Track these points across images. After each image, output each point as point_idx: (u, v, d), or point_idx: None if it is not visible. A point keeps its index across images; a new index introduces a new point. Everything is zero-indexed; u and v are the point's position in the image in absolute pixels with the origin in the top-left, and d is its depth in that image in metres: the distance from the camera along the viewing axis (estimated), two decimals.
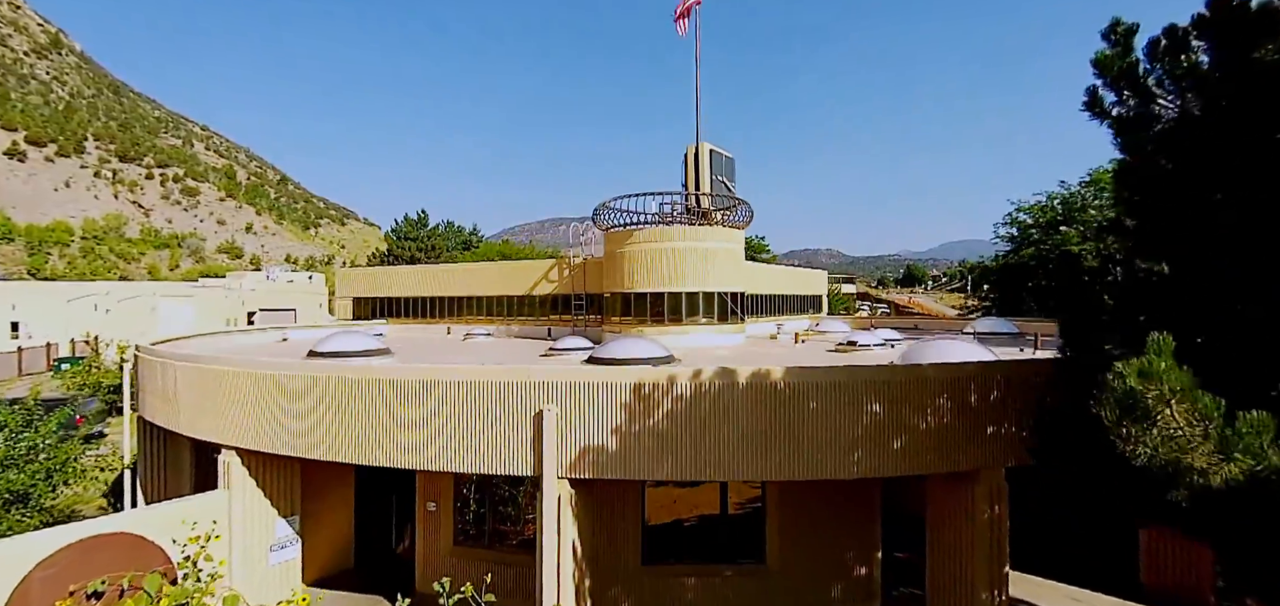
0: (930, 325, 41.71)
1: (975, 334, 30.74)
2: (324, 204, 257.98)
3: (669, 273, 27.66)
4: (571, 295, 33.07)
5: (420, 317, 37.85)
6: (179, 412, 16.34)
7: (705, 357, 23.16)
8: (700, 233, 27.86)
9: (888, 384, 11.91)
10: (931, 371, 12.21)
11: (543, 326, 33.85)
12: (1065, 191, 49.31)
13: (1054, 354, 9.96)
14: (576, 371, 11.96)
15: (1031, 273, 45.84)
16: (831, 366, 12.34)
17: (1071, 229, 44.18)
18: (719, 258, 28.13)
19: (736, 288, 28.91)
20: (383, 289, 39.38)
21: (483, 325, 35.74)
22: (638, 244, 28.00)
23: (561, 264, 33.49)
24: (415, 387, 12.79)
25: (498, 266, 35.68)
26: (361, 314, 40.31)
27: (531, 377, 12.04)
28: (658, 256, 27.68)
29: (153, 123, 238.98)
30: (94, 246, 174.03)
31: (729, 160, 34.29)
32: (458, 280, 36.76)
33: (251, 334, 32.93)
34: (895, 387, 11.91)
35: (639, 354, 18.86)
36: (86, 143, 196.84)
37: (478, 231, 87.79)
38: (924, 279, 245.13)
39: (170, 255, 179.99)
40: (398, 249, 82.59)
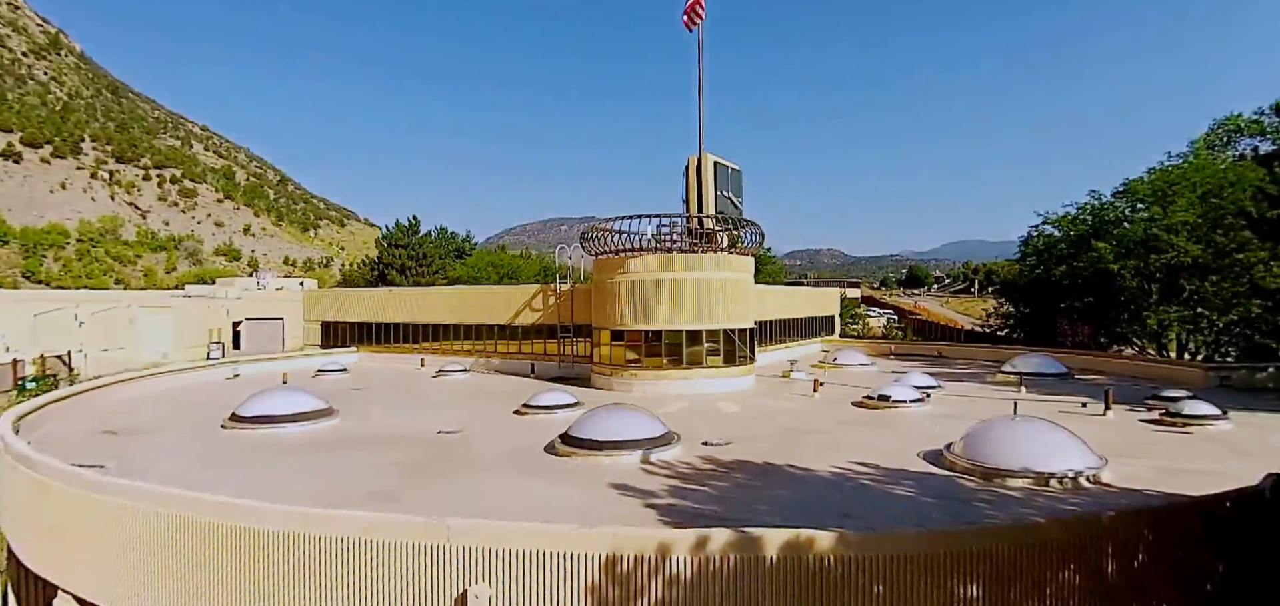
0: (954, 351, 37.52)
1: (1019, 376, 26.60)
2: (324, 204, 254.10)
3: (667, 307, 23.56)
4: (558, 325, 28.98)
5: (395, 343, 33.81)
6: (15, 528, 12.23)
7: (709, 414, 19.11)
8: (703, 261, 23.75)
9: (989, 553, 7.78)
10: (1053, 531, 8.07)
11: (526, 360, 29.75)
12: (1096, 202, 45.05)
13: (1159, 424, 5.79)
14: (520, 535, 7.80)
15: (1063, 291, 41.58)
16: (902, 533, 8.23)
17: (1106, 244, 39.95)
18: (726, 290, 24.01)
19: (745, 322, 24.80)
20: (353, 312, 35.33)
21: (460, 356, 31.68)
22: (632, 274, 23.91)
23: (546, 292, 29.38)
24: (269, 546, 8.53)
25: (477, 292, 31.59)
26: (331, 339, 36.27)
27: (452, 539, 7.91)
28: (655, 289, 23.58)
29: (151, 123, 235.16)
30: (90, 249, 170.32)
31: (736, 173, 30.16)
32: (435, 306, 32.69)
33: (198, 371, 28.87)
34: (1002, 560, 7.78)
35: (628, 432, 14.75)
36: (83, 143, 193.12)
37: (470, 238, 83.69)
38: (927, 280, 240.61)
39: (167, 257, 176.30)
40: (388, 256, 78.52)
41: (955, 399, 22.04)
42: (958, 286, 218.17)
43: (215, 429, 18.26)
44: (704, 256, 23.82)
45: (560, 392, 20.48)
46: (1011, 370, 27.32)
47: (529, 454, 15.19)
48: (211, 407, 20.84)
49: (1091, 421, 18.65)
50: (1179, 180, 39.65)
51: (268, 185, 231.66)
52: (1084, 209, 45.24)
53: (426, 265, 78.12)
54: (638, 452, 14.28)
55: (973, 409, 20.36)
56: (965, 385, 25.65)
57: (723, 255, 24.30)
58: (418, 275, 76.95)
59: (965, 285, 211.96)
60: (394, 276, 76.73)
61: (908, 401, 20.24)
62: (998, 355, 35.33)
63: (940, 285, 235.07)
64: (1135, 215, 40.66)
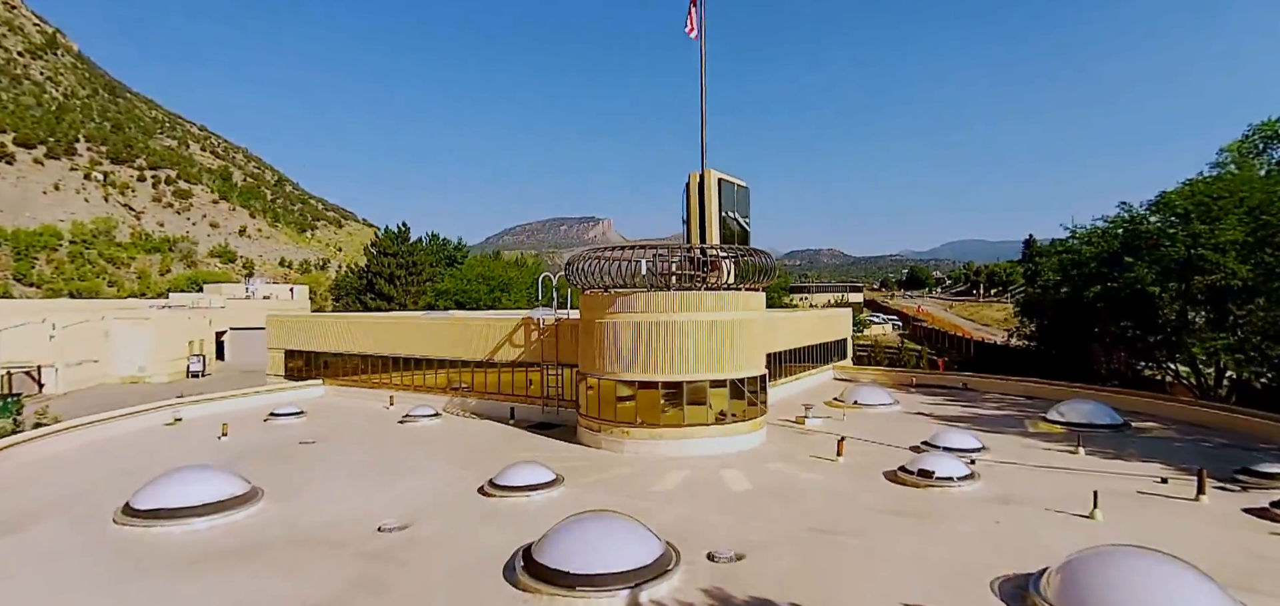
0: (981, 384, 33.82)
1: (1071, 429, 22.95)
2: (322, 205, 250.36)
3: (665, 354, 19.88)
4: (542, 362, 25.29)
5: (366, 375, 30.15)
6: None
7: (713, 492, 15.35)
8: (706, 300, 20.06)
9: None
10: None
11: (506, 402, 26.06)
12: (1126, 214, 41.29)
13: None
14: None
15: (1098, 314, 37.80)
16: None
17: (1143, 264, 36.20)
18: (733, 334, 20.32)
19: (755, 369, 21.11)
20: (319, 341, 31.64)
21: (433, 394, 28.01)
22: (623, 314, 20.23)
23: (528, 326, 25.68)
24: None
25: (453, 324, 27.90)
26: (296, 370, 32.60)
27: None
28: (650, 333, 19.89)
29: (148, 123, 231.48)
30: (83, 251, 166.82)
31: (742, 191, 26.47)
32: (407, 337, 29.01)
33: (135, 417, 25.18)
34: None
35: (611, 557, 11.08)
36: (78, 144, 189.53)
37: (463, 246, 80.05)
38: (928, 281, 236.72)
39: (161, 260, 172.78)
40: (377, 265, 74.87)
41: (1008, 470, 18.36)
42: (959, 288, 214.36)
43: (104, 523, 14.60)
44: (707, 296, 20.11)
45: (536, 468, 16.78)
46: (1059, 419, 23.65)
47: (483, 581, 11.54)
48: (118, 482, 17.14)
49: (1185, 512, 14.99)
50: (1225, 194, 35.92)
51: (265, 185, 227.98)
52: (1115, 222, 41.49)
53: (416, 274, 74.52)
54: (623, 592, 10.62)
55: (1033, 487, 16.69)
56: (1009, 440, 21.95)
57: (730, 293, 20.60)
58: (407, 284, 73.35)
59: (967, 287, 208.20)
60: (382, 285, 73.11)
61: (954, 479, 16.54)
62: (1030, 389, 31.66)
63: (941, 286, 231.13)
64: (1175, 232, 36.91)
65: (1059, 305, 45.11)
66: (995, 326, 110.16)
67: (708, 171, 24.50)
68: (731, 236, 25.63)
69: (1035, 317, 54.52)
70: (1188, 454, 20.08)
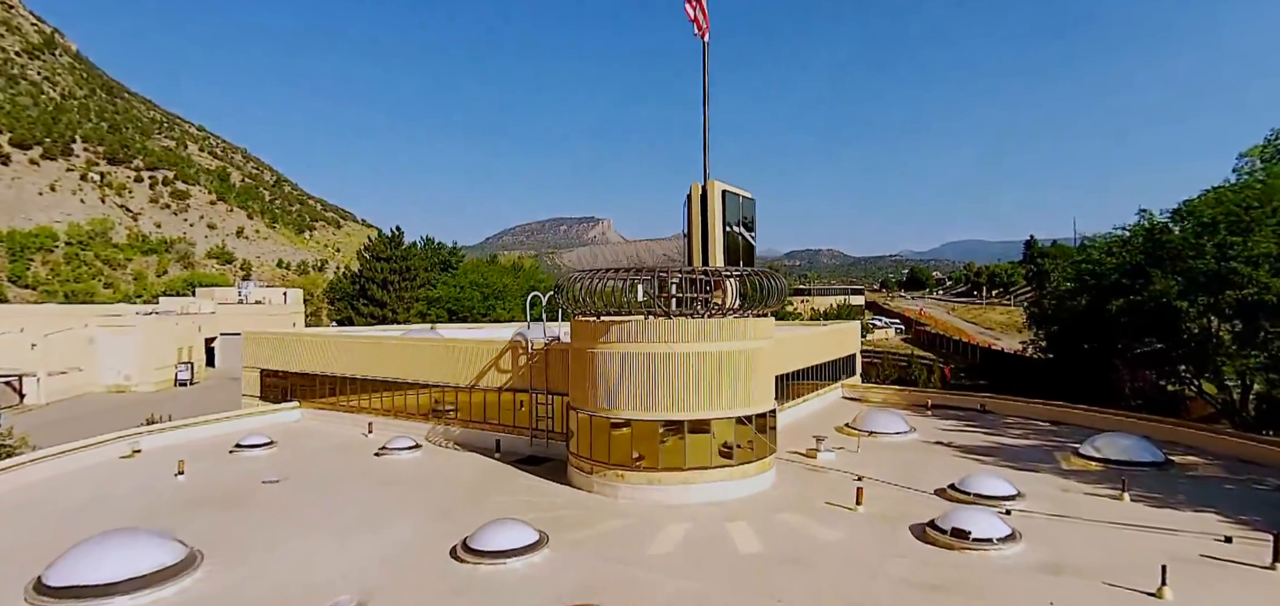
0: (1001, 405, 31.66)
1: (1106, 464, 20.83)
2: (321, 205, 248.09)
3: (665, 389, 17.74)
4: (530, 389, 23.13)
5: (345, 396, 28.02)
6: None
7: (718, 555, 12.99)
8: (710, 329, 17.91)
9: None
10: None
11: (492, 431, 23.91)
12: (1144, 222, 39.19)
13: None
14: None
15: (1120, 328, 35.64)
16: None
17: (1169, 277, 34.06)
18: (740, 366, 18.17)
19: (764, 404, 18.97)
20: (296, 361, 29.49)
21: (415, 421, 25.86)
22: (617, 344, 18.08)
23: (516, 350, 23.52)
24: None
25: (435, 347, 25.75)
26: (272, 391, 30.45)
27: None
28: (648, 366, 17.75)
29: (146, 124, 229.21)
30: (79, 252, 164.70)
31: (748, 202, 24.32)
32: (387, 359, 26.86)
33: (92, 449, 23.02)
34: None
35: None
36: (74, 145, 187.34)
37: (458, 250, 77.86)
38: (929, 282, 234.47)
39: (158, 261, 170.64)
40: (370, 270, 72.71)
41: (1052, 526, 16.21)
42: (959, 289, 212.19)
43: (15, 601, 12.49)
44: (711, 323, 17.96)
45: (516, 527, 14.63)
46: (1095, 455, 21.49)
47: None
48: (48, 538, 14.99)
49: (1261, 585, 12.87)
50: (1255, 204, 33.77)
51: (263, 186, 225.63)
52: (1135, 231, 39.34)
53: (410, 279, 72.34)
54: None
55: (1084, 549, 14.54)
56: (1043, 482, 19.79)
57: (737, 320, 18.43)
58: (401, 290, 71.20)
59: (968, 288, 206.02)
60: (375, 291, 70.97)
61: (994, 541, 14.39)
62: (1053, 413, 29.48)
63: (942, 288, 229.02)
64: (1203, 243, 34.72)
65: (1077, 317, 42.95)
66: (998, 330, 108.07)
67: (711, 183, 22.37)
68: (736, 251, 23.51)
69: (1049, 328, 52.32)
70: (1243, 501, 17.96)
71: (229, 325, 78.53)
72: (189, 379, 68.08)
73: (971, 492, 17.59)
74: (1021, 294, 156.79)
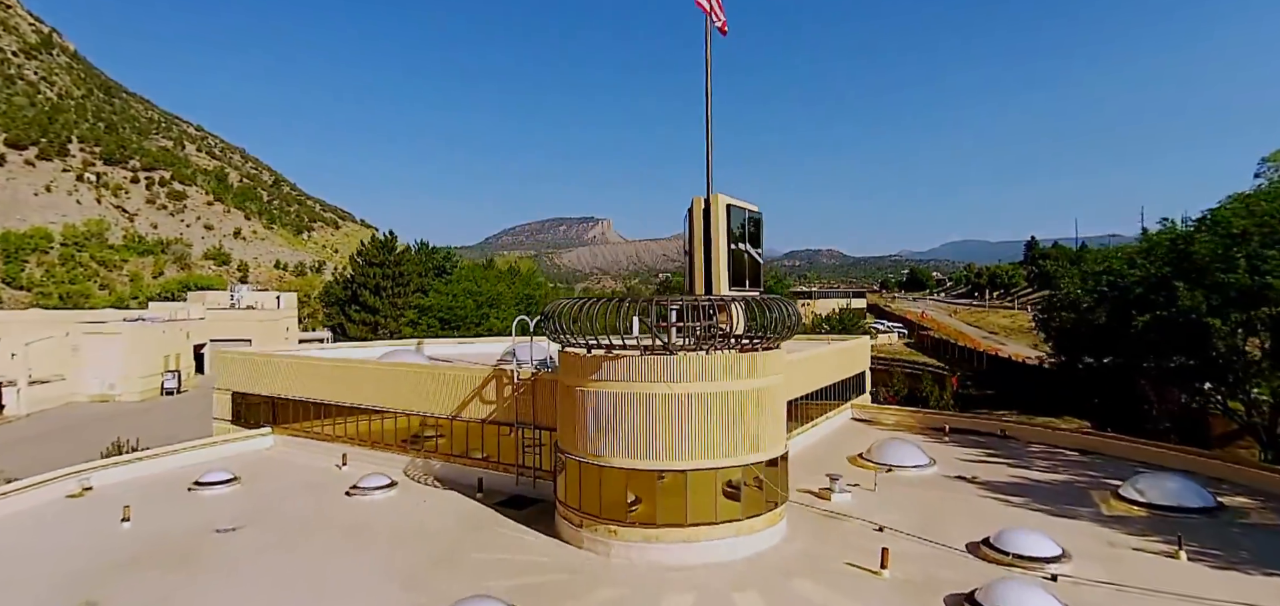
0: (1022, 430, 29.49)
1: (1151, 510, 18.66)
2: (320, 206, 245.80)
3: (665, 435, 15.56)
4: (516, 423, 20.94)
5: (321, 423, 25.84)
6: None
7: None
8: (715, 366, 15.73)
9: None
10: None
11: (475, 468, 21.73)
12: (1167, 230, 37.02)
13: None
14: None
15: (1147, 344, 33.42)
16: None
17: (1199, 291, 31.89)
18: (748, 407, 16.00)
19: (776, 448, 16.80)
20: (268, 384, 27.29)
21: (394, 453, 23.68)
22: (610, 383, 15.91)
23: (501, 379, 21.32)
24: None
25: (414, 373, 23.54)
26: (244, 415, 28.25)
27: None
28: (645, 408, 15.57)
29: (144, 124, 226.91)
30: (74, 253, 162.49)
31: (754, 217, 22.10)
32: (362, 384, 24.65)
33: (30, 490, 20.79)
34: None
35: None
36: (70, 145, 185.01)
37: (452, 255, 75.67)
38: (929, 283, 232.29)
39: (154, 262, 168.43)
40: (362, 275, 70.53)
41: (1107, 599, 14.03)
42: (960, 290, 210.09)
43: None
44: (716, 359, 15.77)
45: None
46: (1139, 499, 19.30)
47: None
48: None
49: None
50: None
51: (262, 186, 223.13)
52: (1157, 238, 37.18)
53: (403, 285, 70.18)
54: None
55: None
56: (1086, 533, 17.60)
57: (746, 355, 16.24)
58: (393, 296, 69.01)
59: (968, 289, 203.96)
60: (367, 297, 68.79)
61: None
62: (1081, 441, 27.27)
63: (942, 289, 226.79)
64: (1234, 255, 32.51)
65: (1095, 330, 40.73)
66: (1002, 334, 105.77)
67: (715, 196, 20.15)
68: (742, 271, 21.29)
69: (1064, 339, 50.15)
70: None
71: (220, 331, 76.31)
72: (176, 388, 65.85)
73: (1009, 552, 15.41)
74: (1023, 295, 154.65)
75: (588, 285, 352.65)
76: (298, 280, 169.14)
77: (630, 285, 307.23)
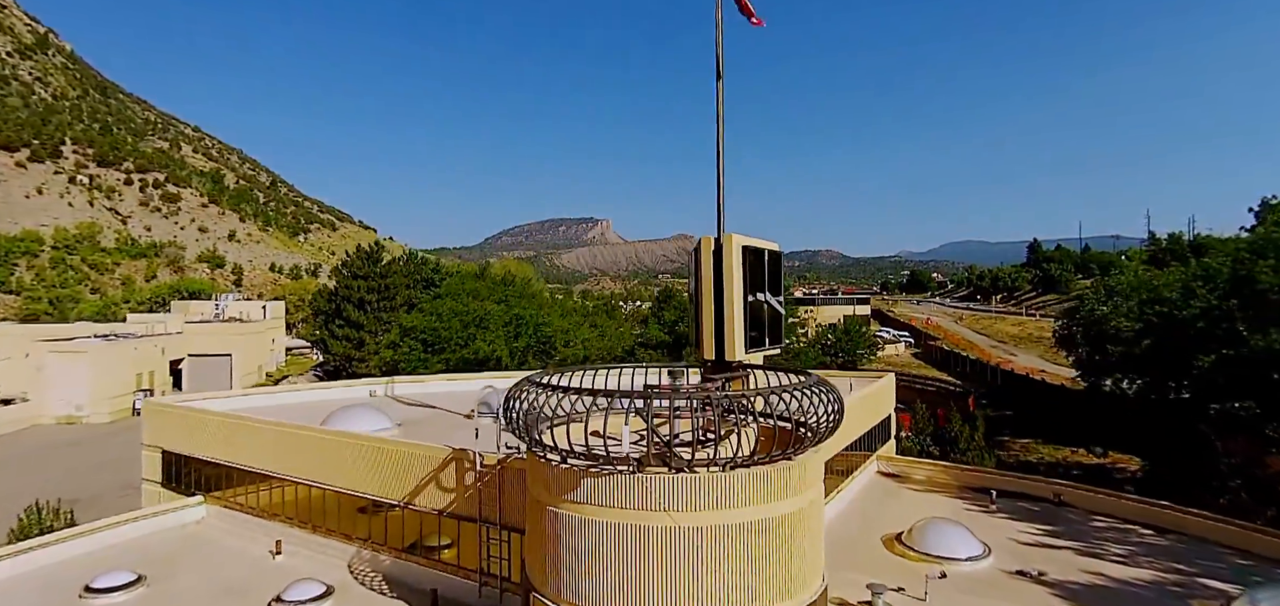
0: (1077, 496, 25.05)
1: None
2: (318, 207, 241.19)
3: (666, 579, 11.21)
4: (480, 518, 16.57)
5: (258, 492, 21.47)
6: None
7: None
8: (735, 488, 11.38)
9: None
10: None
11: (431, 571, 17.35)
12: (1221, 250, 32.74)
13: None
14: None
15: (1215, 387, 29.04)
16: None
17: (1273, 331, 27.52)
18: (777, 540, 11.63)
19: (812, 587, 12.43)
20: (202, 444, 22.93)
21: (337, 542, 19.30)
22: (596, 509, 11.56)
23: (462, 464, 16.96)
24: None
25: (359, 447, 19.21)
26: (178, 476, 23.86)
27: None
28: (642, 543, 11.22)
29: (140, 125, 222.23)
30: (65, 257, 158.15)
31: (774, 258, 17.65)
32: (306, 455, 20.28)
33: None
34: None
35: None
36: (63, 146, 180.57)
37: (440, 268, 71.24)
38: (930, 285, 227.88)
39: (146, 265, 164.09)
40: (346, 288, 66.11)
41: None
42: (961, 293, 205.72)
43: None
44: (738, 479, 11.39)
45: None
46: None
47: None
48: None
49: None
50: None
51: (259, 187, 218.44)
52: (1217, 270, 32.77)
53: (389, 298, 65.79)
54: None
55: None
56: None
57: (778, 468, 11.84)
58: (378, 310, 64.60)
59: (970, 292, 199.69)
60: (351, 311, 64.37)
61: None
62: (1155, 514, 22.80)
63: (943, 291, 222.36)
64: None
65: (1137, 359, 36.42)
66: (1012, 343, 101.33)
67: (727, 237, 15.71)
68: (761, 326, 16.86)
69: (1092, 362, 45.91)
70: None
71: (199, 345, 71.92)
72: None
73: None
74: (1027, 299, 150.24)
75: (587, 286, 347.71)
76: (293, 284, 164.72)
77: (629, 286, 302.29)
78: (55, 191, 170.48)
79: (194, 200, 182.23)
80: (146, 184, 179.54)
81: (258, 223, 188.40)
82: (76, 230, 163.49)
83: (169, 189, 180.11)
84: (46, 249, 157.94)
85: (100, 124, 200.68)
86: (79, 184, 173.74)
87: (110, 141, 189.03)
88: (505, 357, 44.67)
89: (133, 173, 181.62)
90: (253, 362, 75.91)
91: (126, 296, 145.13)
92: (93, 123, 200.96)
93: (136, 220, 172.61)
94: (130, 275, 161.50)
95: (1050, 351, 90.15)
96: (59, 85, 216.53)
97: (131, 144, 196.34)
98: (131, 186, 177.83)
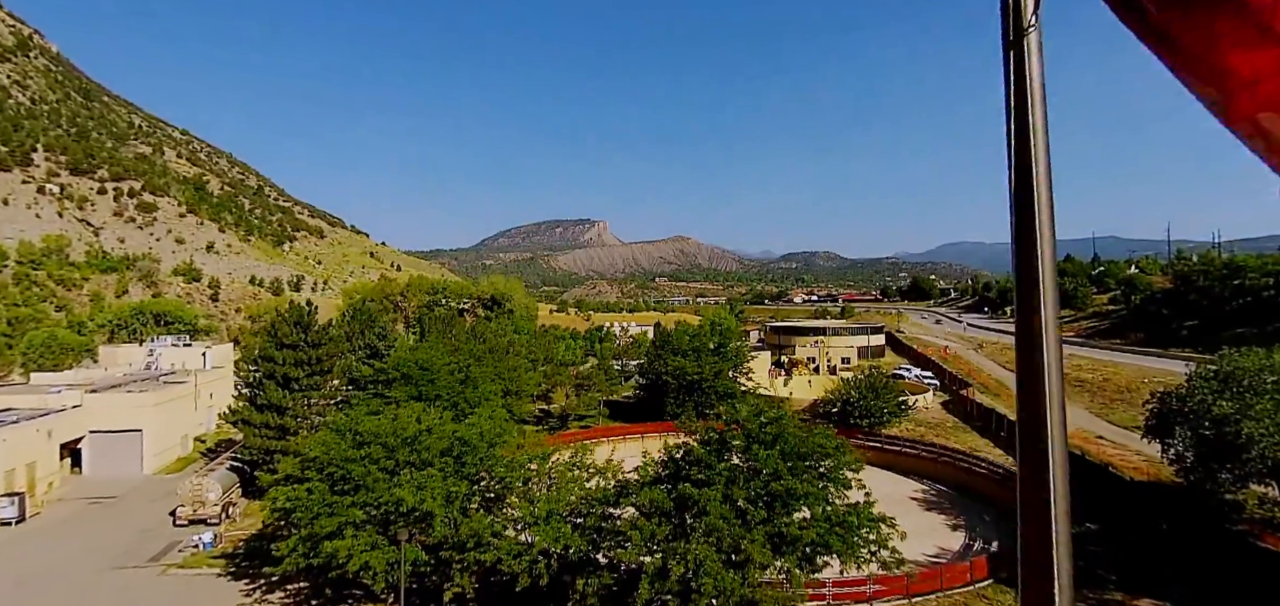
0: None
1: None
2: (308, 212, 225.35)
3: None
4: None
5: None
6: None
7: None
8: None
9: None
10: None
11: None
12: None
13: None
14: None
15: None
16: None
17: None
18: None
19: None
20: None
21: None
22: None
23: None
24: None
25: None
26: None
27: None
28: None
29: (123, 129, 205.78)
30: (30, 272, 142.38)
31: None
32: None
33: None
34: None
35: None
36: (35, 154, 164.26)
37: (390, 333, 56.18)
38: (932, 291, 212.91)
39: (118, 280, 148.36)
40: (270, 360, 51.04)
41: None
42: (966, 302, 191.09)
43: None
44: None
45: None
46: None
47: None
48: None
49: None
50: None
51: (244, 193, 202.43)
52: None
53: (323, 372, 50.95)
54: None
55: None
56: None
57: None
58: (307, 388, 49.75)
59: (975, 302, 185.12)
60: (272, 390, 49.47)
61: None
62: None
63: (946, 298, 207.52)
64: None
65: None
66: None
67: None
68: None
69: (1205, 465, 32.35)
70: None
71: (103, 419, 56.81)
72: (17, 517, 46.37)
73: None
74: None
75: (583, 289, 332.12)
76: (273, 299, 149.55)
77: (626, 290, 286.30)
78: (22, 202, 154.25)
79: (171, 209, 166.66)
80: (121, 192, 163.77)
81: (239, 233, 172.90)
82: (43, 243, 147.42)
83: (145, 198, 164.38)
84: (10, 263, 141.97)
85: (78, 129, 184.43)
86: (49, 193, 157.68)
87: (85, 148, 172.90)
88: (437, 514, 29.89)
89: (107, 181, 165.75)
90: (175, 432, 60.99)
91: (93, 314, 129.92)
92: (70, 128, 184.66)
93: (109, 232, 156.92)
94: (100, 291, 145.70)
95: (1098, 402, 75.67)
96: (38, 88, 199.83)
97: (109, 150, 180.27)
98: (105, 195, 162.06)
